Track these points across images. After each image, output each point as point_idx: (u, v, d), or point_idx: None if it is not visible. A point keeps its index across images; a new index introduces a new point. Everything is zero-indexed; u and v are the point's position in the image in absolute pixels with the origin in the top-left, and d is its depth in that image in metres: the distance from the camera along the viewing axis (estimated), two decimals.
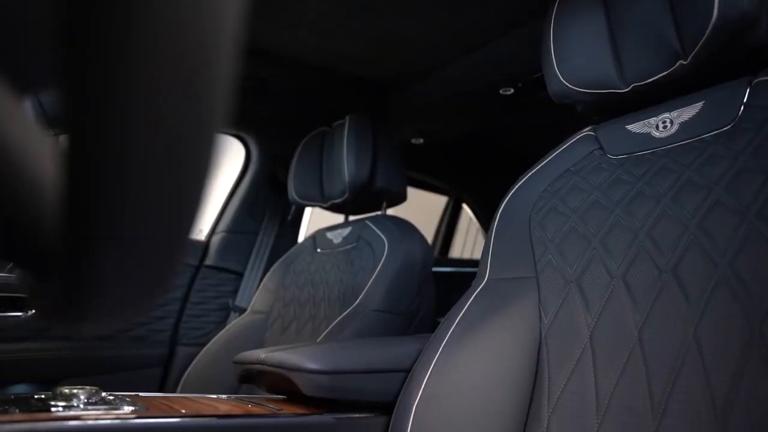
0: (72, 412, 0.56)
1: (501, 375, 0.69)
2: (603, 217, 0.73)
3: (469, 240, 3.20)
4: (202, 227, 1.94)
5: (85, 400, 0.60)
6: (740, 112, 0.67)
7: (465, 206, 2.84)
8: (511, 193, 0.87)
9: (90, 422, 0.54)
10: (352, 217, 1.64)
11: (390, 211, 1.58)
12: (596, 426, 0.61)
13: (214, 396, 0.80)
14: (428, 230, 2.73)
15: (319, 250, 1.61)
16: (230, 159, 1.95)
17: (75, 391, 0.61)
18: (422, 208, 2.63)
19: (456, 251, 3.00)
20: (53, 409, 0.56)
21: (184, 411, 0.63)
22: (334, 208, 1.60)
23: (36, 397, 0.61)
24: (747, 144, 0.64)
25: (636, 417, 0.59)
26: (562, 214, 0.78)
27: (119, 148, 0.19)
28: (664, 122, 0.75)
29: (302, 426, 0.69)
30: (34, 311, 1.50)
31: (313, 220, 2.14)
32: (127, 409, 0.60)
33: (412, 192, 1.72)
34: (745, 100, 0.68)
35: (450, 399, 0.68)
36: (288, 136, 1.82)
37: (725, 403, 0.54)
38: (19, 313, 1.49)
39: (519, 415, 0.68)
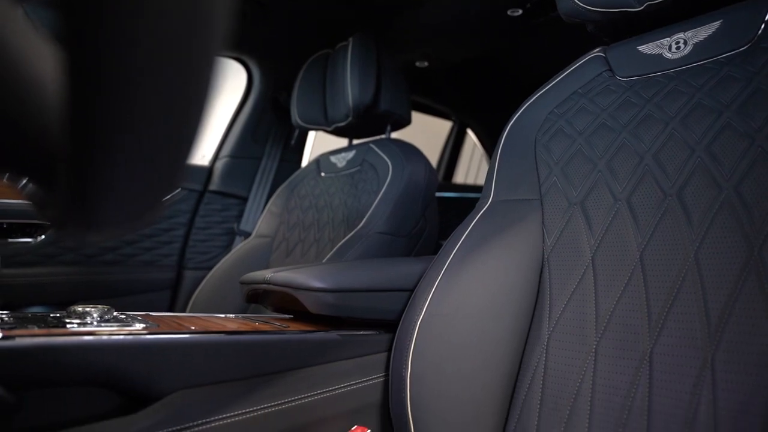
0: (86, 328, 0.57)
1: (503, 294, 0.70)
2: (609, 140, 0.73)
3: (473, 166, 3.19)
4: (206, 153, 1.94)
5: (98, 318, 0.62)
6: (760, 31, 0.65)
7: (469, 131, 2.82)
8: (517, 115, 0.86)
9: (104, 338, 0.55)
10: (356, 141, 1.63)
11: (394, 136, 1.57)
12: (595, 344, 0.63)
13: (222, 315, 0.82)
14: (432, 158, 2.72)
15: (323, 173, 1.61)
16: (232, 83, 1.92)
17: (88, 309, 0.63)
18: (425, 135, 2.61)
19: (459, 177, 3.00)
20: (68, 325, 0.58)
21: (194, 327, 0.65)
22: (338, 132, 1.59)
23: (51, 315, 0.63)
24: (764, 65, 0.63)
25: (634, 335, 0.61)
26: (568, 137, 0.77)
27: (123, 59, 0.19)
28: (677, 43, 0.73)
29: (308, 342, 0.71)
30: (42, 225, 1.53)
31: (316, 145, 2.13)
32: (139, 326, 0.62)
33: (414, 118, 1.70)
34: (767, 18, 0.65)
35: (453, 317, 0.70)
36: (290, 59, 1.79)
37: (719, 321, 0.55)
38: (30, 239, 1.52)
39: (520, 332, 0.70)
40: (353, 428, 0.74)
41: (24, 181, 0.27)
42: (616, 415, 0.58)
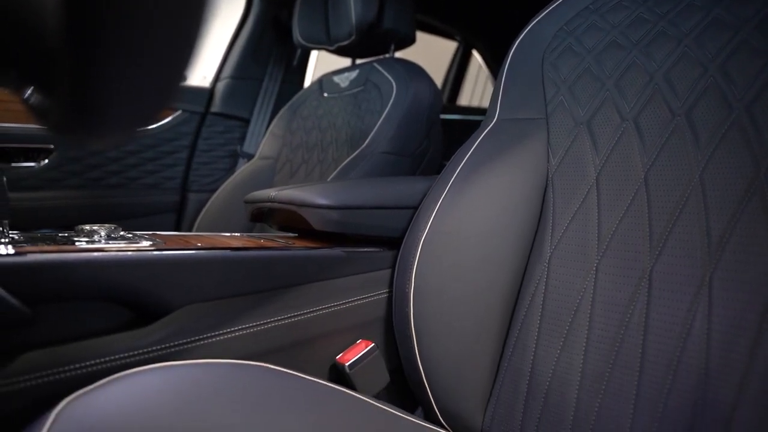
0: (95, 245, 0.58)
1: (507, 213, 0.71)
2: (619, 58, 0.71)
3: (477, 88, 3.14)
4: (206, 74, 1.91)
5: (106, 236, 0.63)
6: None
7: (475, 53, 2.75)
8: (524, 32, 0.84)
9: (112, 254, 0.56)
10: (359, 61, 1.60)
11: (397, 56, 1.54)
12: (596, 262, 0.64)
13: (227, 234, 0.83)
14: (436, 81, 2.66)
15: (326, 94, 1.58)
16: (231, 1, 1.87)
17: (95, 228, 0.64)
18: (430, 57, 2.55)
19: (464, 100, 2.96)
20: (77, 243, 0.59)
21: (200, 244, 0.66)
22: (341, 51, 1.55)
23: (60, 234, 0.64)
24: None
25: (635, 253, 0.61)
26: (576, 55, 0.75)
27: None
28: None
29: (313, 258, 0.72)
30: (45, 149, 1.53)
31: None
32: (146, 243, 0.63)
33: (418, 38, 1.66)
34: None
35: (457, 235, 0.71)
36: None
37: (719, 241, 0.56)
38: (32, 164, 1.52)
39: (523, 251, 0.71)
40: (358, 341, 0.76)
41: (29, 91, 0.26)
42: (614, 330, 0.60)
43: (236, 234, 0.83)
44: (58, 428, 0.40)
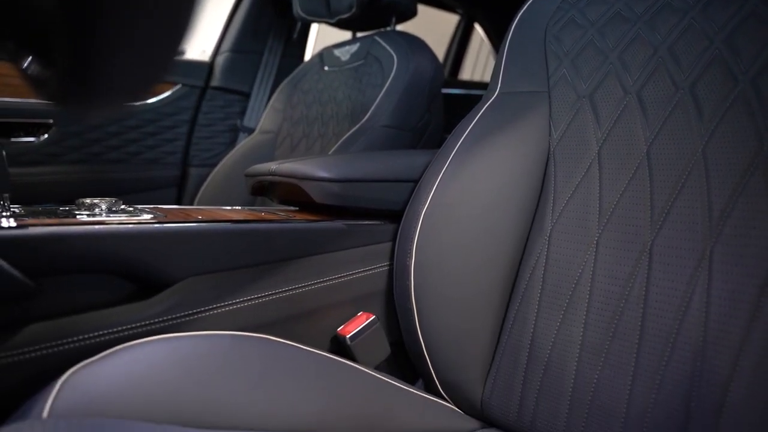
0: (96, 219, 0.58)
1: (508, 186, 0.71)
2: (623, 31, 0.70)
3: (479, 62, 3.11)
4: (206, 47, 1.89)
5: (107, 209, 0.63)
6: None
7: (477, 26, 2.72)
8: (527, 5, 0.82)
9: (113, 227, 0.56)
10: (360, 34, 1.59)
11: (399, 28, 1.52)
12: (597, 236, 0.64)
13: (228, 207, 0.83)
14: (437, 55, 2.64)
15: (326, 67, 1.57)
16: None
17: (96, 201, 0.64)
18: (431, 32, 2.52)
19: (466, 74, 2.93)
20: (78, 216, 0.59)
21: (200, 217, 0.66)
22: (341, 24, 1.53)
23: (61, 208, 0.64)
24: None
25: (635, 227, 0.61)
26: (579, 27, 0.75)
27: None
28: None
29: (313, 231, 0.72)
30: (45, 124, 1.52)
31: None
32: (147, 216, 0.63)
33: (420, 12, 1.64)
34: None
35: (458, 206, 0.71)
36: None
37: (721, 215, 0.55)
38: (32, 138, 1.51)
39: (524, 225, 0.71)
40: (359, 314, 0.77)
41: (27, 62, 0.26)
42: (614, 303, 0.60)
43: (237, 207, 0.83)
44: (64, 398, 0.41)
